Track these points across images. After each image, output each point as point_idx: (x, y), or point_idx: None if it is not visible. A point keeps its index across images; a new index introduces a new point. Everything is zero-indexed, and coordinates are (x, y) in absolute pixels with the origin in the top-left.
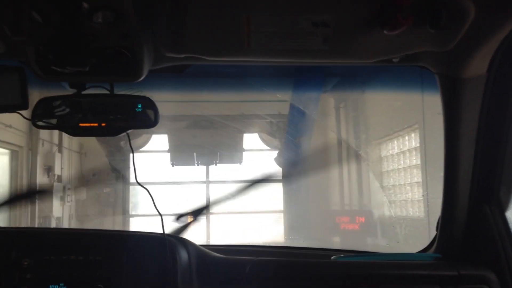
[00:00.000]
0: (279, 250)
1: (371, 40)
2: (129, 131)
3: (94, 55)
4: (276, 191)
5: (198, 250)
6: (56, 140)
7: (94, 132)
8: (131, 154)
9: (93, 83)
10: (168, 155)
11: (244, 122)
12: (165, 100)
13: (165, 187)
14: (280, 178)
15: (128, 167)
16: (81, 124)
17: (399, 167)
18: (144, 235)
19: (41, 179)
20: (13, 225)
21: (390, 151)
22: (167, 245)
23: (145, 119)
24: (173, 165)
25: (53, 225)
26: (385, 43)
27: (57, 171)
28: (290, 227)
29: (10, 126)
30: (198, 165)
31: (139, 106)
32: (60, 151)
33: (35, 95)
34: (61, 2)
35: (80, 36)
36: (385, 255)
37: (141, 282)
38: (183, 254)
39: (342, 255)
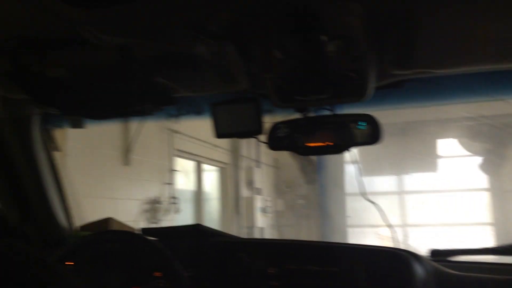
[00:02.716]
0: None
1: None
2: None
3: (330, 82)
4: (481, 201)
5: (433, 266)
6: (253, 156)
7: (321, 151)
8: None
9: (317, 106)
10: (356, 166)
11: (438, 127)
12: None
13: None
14: (487, 187)
15: (317, 180)
16: (307, 144)
17: None
18: (379, 249)
19: (244, 192)
20: None
21: None
22: (403, 260)
23: (368, 136)
24: (361, 175)
25: (256, 234)
26: None
27: (257, 184)
28: (503, 242)
29: (217, 146)
30: (389, 175)
31: (361, 123)
32: (258, 166)
33: None
34: (301, 38)
35: (317, 65)
36: None
37: None
38: (420, 270)
39: None
